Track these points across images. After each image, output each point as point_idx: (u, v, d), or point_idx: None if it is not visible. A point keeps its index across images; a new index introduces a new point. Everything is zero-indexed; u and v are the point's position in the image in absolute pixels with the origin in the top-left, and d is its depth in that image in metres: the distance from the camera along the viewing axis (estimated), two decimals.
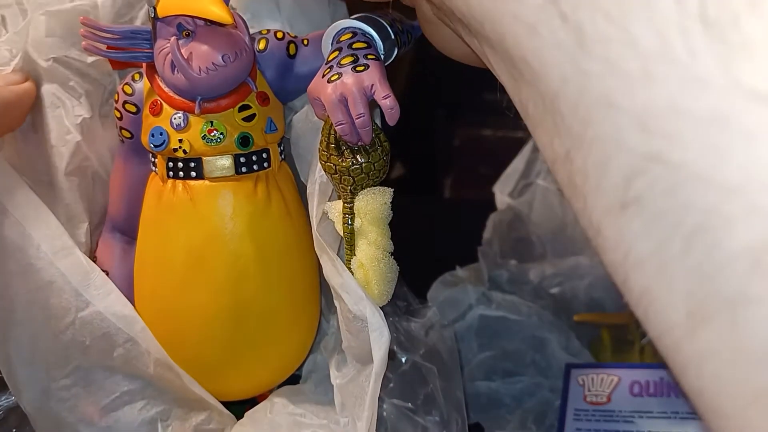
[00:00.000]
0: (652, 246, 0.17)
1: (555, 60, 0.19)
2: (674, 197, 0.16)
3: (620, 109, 0.17)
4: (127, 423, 0.34)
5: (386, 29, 0.32)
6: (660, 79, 0.17)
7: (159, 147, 0.32)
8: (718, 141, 0.16)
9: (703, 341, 0.16)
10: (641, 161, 0.17)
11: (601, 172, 0.18)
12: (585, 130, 0.18)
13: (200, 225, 0.33)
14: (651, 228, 0.17)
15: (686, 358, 0.17)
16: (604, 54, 0.18)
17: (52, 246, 0.32)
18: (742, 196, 0.15)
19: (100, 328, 0.32)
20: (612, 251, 0.18)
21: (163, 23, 0.31)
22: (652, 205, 0.17)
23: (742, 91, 0.16)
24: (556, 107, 0.19)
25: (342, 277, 0.30)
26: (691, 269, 0.16)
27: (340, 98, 0.29)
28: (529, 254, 0.56)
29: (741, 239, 0.15)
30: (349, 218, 0.31)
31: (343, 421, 0.32)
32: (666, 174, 0.17)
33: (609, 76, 0.18)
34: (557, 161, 0.20)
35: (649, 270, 0.17)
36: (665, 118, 0.17)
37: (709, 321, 0.16)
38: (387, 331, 0.30)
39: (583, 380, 0.45)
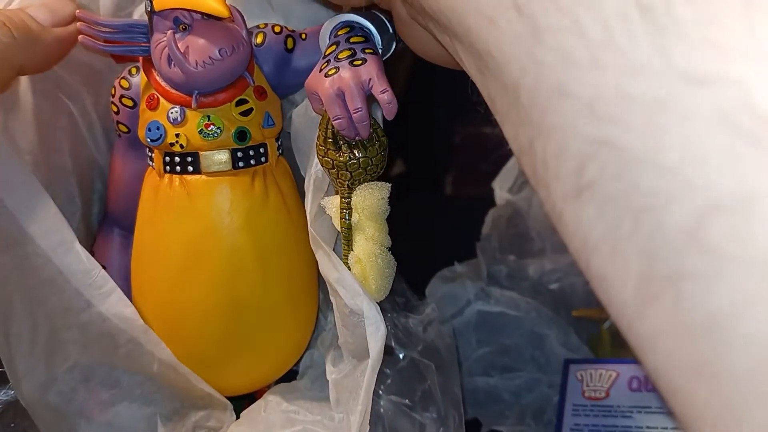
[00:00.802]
0: (604, 229, 0.18)
1: (514, 52, 0.20)
2: (622, 180, 0.17)
3: (572, 97, 0.18)
4: (126, 418, 0.34)
5: (384, 23, 0.32)
6: (605, 66, 0.17)
7: (156, 141, 0.32)
8: (658, 123, 0.16)
9: (653, 319, 0.17)
10: (592, 147, 0.18)
11: (558, 160, 0.19)
12: (543, 119, 0.19)
13: (197, 220, 0.33)
14: (603, 212, 0.18)
15: (640, 338, 0.17)
16: (556, 44, 0.18)
17: (51, 241, 0.31)
18: (679, 175, 0.16)
19: (102, 329, 0.32)
20: (573, 238, 0.19)
21: (159, 17, 0.31)
22: (603, 190, 0.17)
23: (676, 74, 0.16)
24: (518, 99, 0.20)
25: (338, 272, 0.30)
26: (639, 249, 0.17)
27: (337, 92, 0.29)
28: (528, 250, 0.56)
29: (678, 217, 0.16)
30: (347, 213, 0.31)
31: (338, 416, 0.32)
32: (614, 158, 0.17)
33: (561, 66, 0.18)
34: (522, 152, 0.21)
35: (604, 253, 0.18)
36: (612, 104, 0.17)
37: (655, 299, 0.16)
38: (383, 326, 0.30)
39: (582, 375, 0.44)
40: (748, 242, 0.15)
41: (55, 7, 0.32)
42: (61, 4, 0.32)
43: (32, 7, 0.31)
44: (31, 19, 0.31)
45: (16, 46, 0.29)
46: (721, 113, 0.16)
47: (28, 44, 0.30)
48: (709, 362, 0.15)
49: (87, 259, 0.32)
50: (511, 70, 0.20)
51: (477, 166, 0.67)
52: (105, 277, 0.32)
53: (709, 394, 0.16)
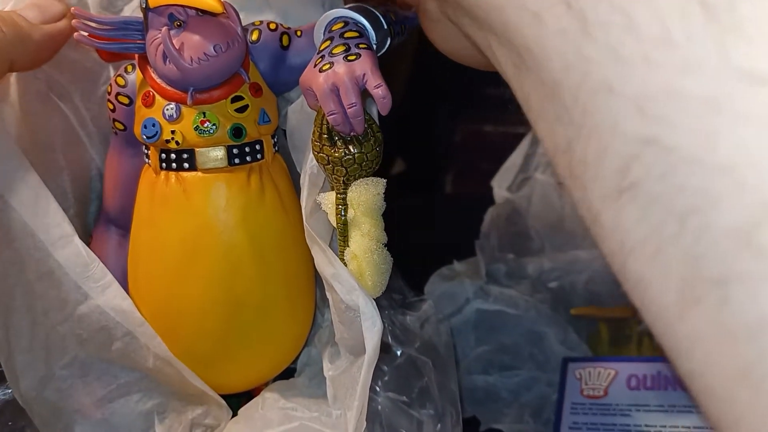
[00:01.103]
0: (646, 230, 0.17)
1: (558, 47, 0.19)
2: (668, 181, 0.17)
3: (619, 95, 0.18)
4: (123, 415, 0.34)
5: (379, 19, 0.32)
6: (658, 64, 0.17)
7: (152, 138, 0.32)
8: (710, 123, 0.16)
9: (694, 322, 0.16)
10: (637, 146, 0.17)
11: (599, 160, 0.18)
12: (585, 118, 0.19)
13: (193, 217, 0.33)
14: (646, 212, 0.17)
15: (678, 341, 0.17)
16: (606, 40, 0.18)
17: (50, 235, 0.31)
18: (731, 175, 0.16)
19: (98, 322, 0.32)
20: (609, 239, 0.19)
21: (154, 13, 0.31)
22: (647, 190, 0.17)
23: (735, 73, 0.16)
24: (557, 96, 0.20)
25: (334, 268, 0.30)
26: (684, 251, 0.16)
27: (331, 88, 0.29)
28: (527, 248, 0.56)
29: (729, 218, 0.16)
30: (342, 209, 0.31)
31: (336, 413, 0.32)
32: (660, 158, 0.17)
33: (609, 62, 0.18)
34: (558, 152, 0.20)
35: (644, 255, 0.17)
36: (661, 103, 0.17)
37: (698, 302, 0.16)
38: (379, 321, 0.30)
39: (580, 374, 0.44)
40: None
41: (44, 5, 0.32)
42: (49, 2, 0.33)
43: (23, 8, 0.32)
44: (21, 17, 0.31)
45: (6, 41, 0.30)
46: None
47: (18, 40, 0.30)
48: (754, 366, 0.15)
49: (86, 253, 0.32)
50: (552, 66, 0.20)
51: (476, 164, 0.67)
52: (103, 270, 0.32)
53: (752, 398, 0.15)
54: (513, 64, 0.22)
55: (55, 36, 0.32)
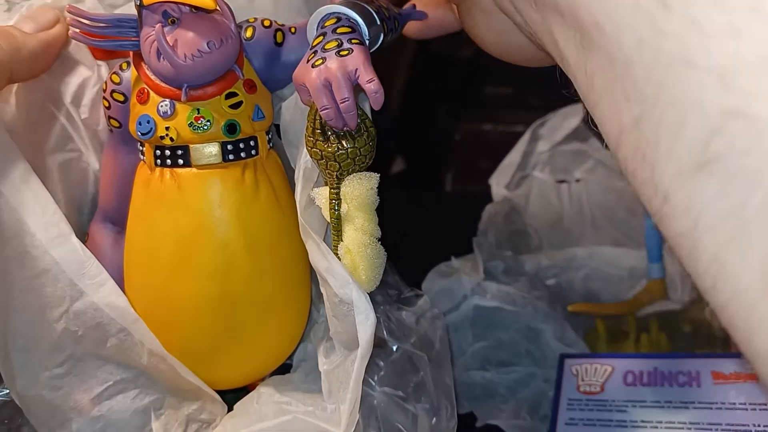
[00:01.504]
0: (727, 207, 0.17)
1: (632, 22, 0.19)
2: (754, 153, 0.16)
3: (699, 68, 0.17)
4: (119, 412, 0.34)
5: (371, 15, 0.32)
6: (747, 34, 0.17)
7: (146, 135, 0.32)
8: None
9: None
10: (720, 118, 0.17)
11: (674, 135, 0.18)
12: (659, 93, 0.18)
13: (188, 213, 0.33)
14: (727, 187, 0.17)
15: (758, 319, 0.16)
16: (688, 13, 0.18)
17: (48, 233, 0.32)
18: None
19: (94, 318, 0.32)
20: (680, 218, 0.18)
21: (148, 11, 0.31)
22: (730, 164, 0.17)
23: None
24: (627, 73, 0.19)
25: (328, 262, 0.30)
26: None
27: (324, 83, 0.29)
28: (525, 246, 0.56)
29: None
30: (336, 204, 0.31)
31: (330, 407, 0.32)
32: (746, 130, 0.16)
33: (691, 35, 0.18)
34: (624, 132, 0.20)
35: (723, 233, 0.17)
36: (748, 74, 0.16)
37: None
38: (373, 315, 0.30)
39: (577, 370, 0.44)
40: None
41: (36, 15, 0.33)
42: (42, 11, 0.33)
43: (16, 21, 0.33)
44: (15, 29, 0.32)
45: (3, 53, 0.30)
46: None
47: (14, 51, 0.31)
48: None
49: (83, 251, 0.32)
50: (623, 41, 0.19)
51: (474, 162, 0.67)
52: (99, 268, 0.32)
53: None
54: (578, 44, 0.21)
55: (50, 42, 0.33)
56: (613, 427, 0.41)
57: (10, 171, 0.32)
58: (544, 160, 0.60)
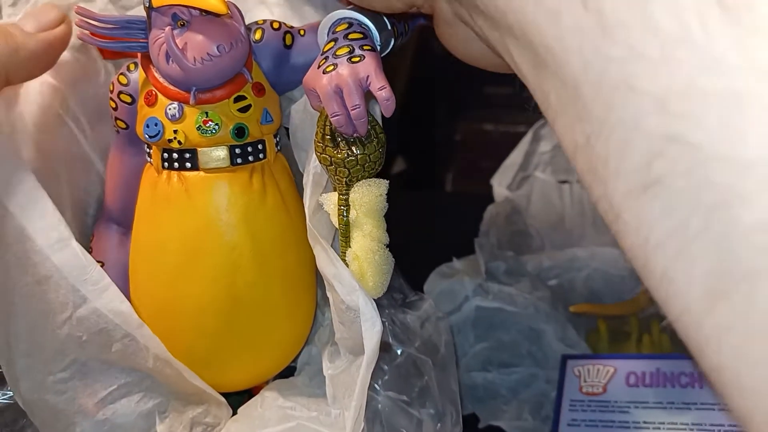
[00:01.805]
0: (671, 226, 0.17)
1: (577, 46, 0.19)
2: (693, 177, 0.17)
3: (640, 93, 0.18)
4: (124, 415, 0.34)
5: (382, 20, 0.31)
6: (678, 62, 0.17)
7: (154, 138, 0.32)
8: (735, 120, 0.16)
9: (722, 316, 0.16)
10: (661, 143, 0.17)
11: (621, 156, 0.19)
12: (606, 114, 0.19)
13: (195, 216, 0.33)
14: (671, 208, 0.17)
15: (705, 335, 0.17)
16: (625, 39, 0.18)
17: (48, 239, 0.31)
18: (758, 171, 0.16)
19: (97, 324, 0.32)
20: (632, 235, 0.19)
21: (158, 13, 0.30)
22: (671, 186, 0.17)
23: (757, 71, 0.16)
24: (578, 94, 0.20)
25: (335, 267, 0.30)
26: (710, 246, 0.17)
27: (335, 89, 0.29)
28: (527, 246, 0.57)
29: (757, 213, 0.16)
30: (345, 210, 0.31)
31: (335, 413, 0.32)
32: (685, 154, 0.17)
33: (630, 61, 0.18)
34: (578, 149, 0.20)
35: (669, 250, 0.18)
36: (684, 100, 0.17)
37: (727, 296, 0.16)
38: (379, 322, 0.30)
39: (579, 371, 0.45)
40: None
41: (38, 13, 0.32)
42: (46, 9, 0.32)
43: (19, 19, 0.32)
44: (15, 27, 0.31)
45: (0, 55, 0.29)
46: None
47: (12, 51, 0.30)
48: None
49: (83, 256, 0.32)
50: (572, 64, 0.20)
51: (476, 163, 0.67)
52: (101, 273, 0.32)
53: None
54: (531, 64, 0.22)
55: (52, 43, 0.32)
56: (616, 428, 0.41)
57: (9, 175, 0.31)
58: (546, 161, 0.60)
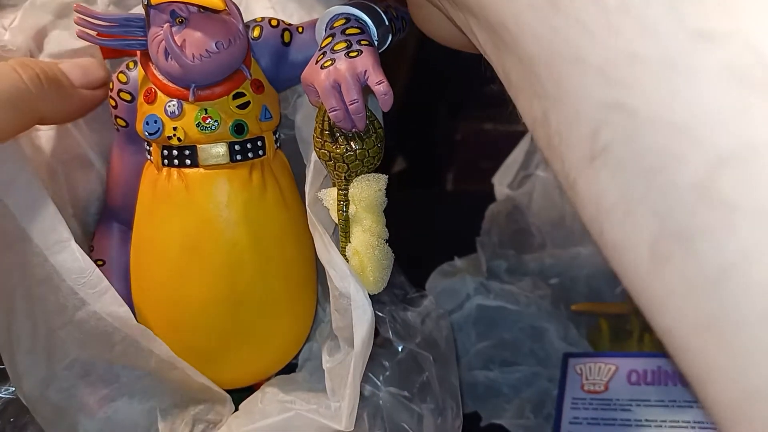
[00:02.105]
0: (618, 194, 0.18)
1: (530, 21, 0.20)
2: (635, 142, 0.17)
3: (586, 64, 0.18)
4: (126, 413, 0.34)
5: (380, 15, 0.32)
6: (619, 31, 0.18)
7: (153, 135, 0.32)
8: (668, 83, 0.17)
9: (665, 279, 0.17)
10: (605, 112, 0.18)
11: (572, 128, 0.19)
12: (557, 88, 0.19)
13: (195, 213, 0.33)
14: (616, 176, 0.18)
15: (652, 299, 0.17)
16: (572, 11, 0.19)
17: (46, 240, 0.31)
18: (689, 132, 0.16)
19: (97, 327, 0.32)
20: (587, 206, 0.19)
21: (156, 10, 0.31)
22: (616, 154, 0.18)
23: (687, 33, 0.17)
24: (533, 69, 0.20)
25: (329, 254, 0.30)
26: (652, 210, 0.17)
27: (333, 84, 0.29)
28: (529, 245, 0.56)
29: (689, 173, 0.16)
30: (344, 205, 0.31)
31: (334, 405, 0.32)
32: (626, 121, 0.17)
33: (576, 33, 0.19)
34: (536, 125, 0.21)
35: (617, 218, 0.18)
36: (623, 68, 0.18)
37: (669, 258, 0.17)
38: (370, 310, 0.30)
39: (581, 369, 0.45)
40: (755, 192, 0.15)
41: (88, 69, 0.33)
42: (94, 67, 0.33)
43: (67, 64, 0.32)
44: (64, 76, 0.31)
45: (43, 97, 0.30)
46: (731, 68, 0.16)
47: (55, 98, 0.31)
48: (719, 316, 0.16)
49: (82, 258, 0.32)
50: (526, 40, 0.20)
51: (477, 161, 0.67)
52: (99, 276, 0.32)
53: (718, 348, 0.16)
54: (492, 43, 0.22)
55: (90, 102, 0.33)
56: (618, 426, 0.41)
57: (11, 176, 0.31)
58: None
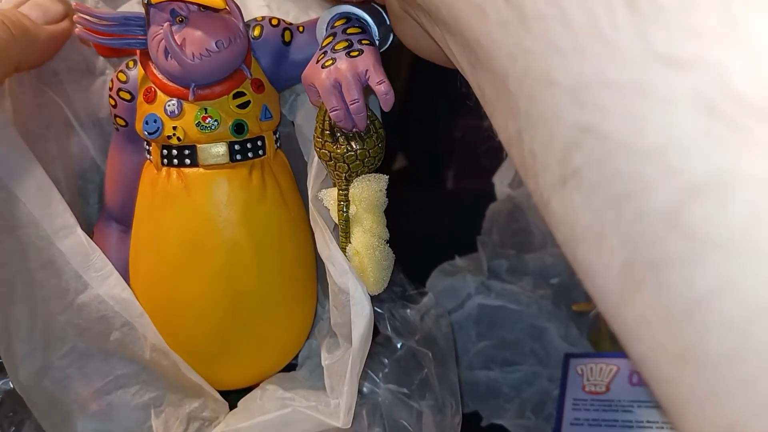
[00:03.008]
0: (590, 218, 0.18)
1: (502, 40, 0.20)
2: (605, 167, 0.17)
3: (557, 85, 0.18)
4: (120, 407, 0.34)
5: (381, 14, 0.32)
6: (589, 54, 0.18)
7: (153, 134, 0.32)
8: (638, 109, 0.17)
9: (637, 308, 0.17)
10: (577, 135, 0.18)
11: (545, 150, 0.19)
12: (530, 108, 0.19)
13: (195, 213, 0.33)
14: (588, 200, 0.18)
15: (626, 327, 0.17)
16: (543, 32, 0.19)
17: (53, 225, 0.32)
18: (658, 159, 0.16)
19: (98, 311, 0.32)
20: (560, 228, 0.19)
21: (156, 9, 0.31)
22: (588, 178, 0.18)
23: (656, 59, 0.16)
24: (506, 88, 0.20)
25: (329, 250, 0.31)
26: (622, 237, 0.17)
27: (334, 84, 0.29)
28: (529, 244, 0.56)
29: (659, 202, 0.16)
30: (345, 205, 0.31)
31: (333, 402, 0.32)
32: (597, 145, 0.17)
33: (547, 54, 0.18)
34: (511, 143, 0.21)
35: (589, 242, 0.18)
36: (594, 91, 0.17)
37: (639, 287, 0.16)
38: (369, 306, 0.30)
39: (582, 370, 0.44)
40: (725, 225, 0.15)
41: (47, 6, 0.33)
42: (52, 3, 0.34)
43: (26, 6, 0.33)
44: (26, 18, 0.32)
45: (14, 42, 0.31)
46: (699, 96, 0.16)
47: (24, 41, 0.31)
48: (692, 348, 0.15)
49: (88, 243, 0.32)
50: (500, 58, 0.20)
51: (478, 160, 0.67)
52: (104, 260, 0.32)
53: (693, 380, 0.16)
54: (467, 59, 0.22)
55: (58, 36, 0.33)
56: (619, 428, 0.41)
57: (16, 163, 0.32)
58: None
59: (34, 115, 0.35)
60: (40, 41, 0.32)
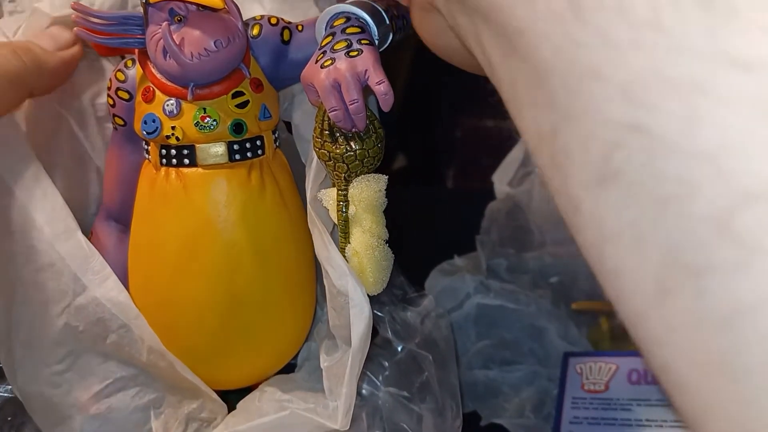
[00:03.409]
0: (627, 219, 0.17)
1: (550, 31, 0.19)
2: (650, 167, 0.17)
3: (606, 80, 0.18)
4: (119, 410, 0.34)
5: (381, 14, 0.31)
6: (647, 48, 0.17)
7: (152, 134, 0.32)
8: (694, 108, 0.16)
9: (670, 312, 0.16)
10: (621, 133, 0.17)
11: (583, 147, 0.18)
12: (572, 103, 0.19)
13: (193, 213, 0.33)
14: (627, 200, 0.17)
15: (653, 331, 0.17)
16: (598, 23, 0.18)
17: (54, 228, 0.32)
18: (710, 162, 0.16)
19: (95, 314, 0.32)
20: (588, 228, 0.18)
21: (155, 8, 0.30)
22: (629, 177, 0.17)
23: (724, 59, 0.16)
24: (547, 81, 0.19)
25: (328, 252, 0.31)
26: (662, 240, 0.16)
27: (333, 84, 0.29)
28: (529, 243, 0.56)
29: (707, 206, 0.15)
30: (344, 206, 0.31)
31: (332, 405, 0.32)
32: (644, 144, 0.17)
33: (599, 47, 0.18)
34: (542, 139, 0.20)
35: (623, 243, 0.17)
36: (647, 88, 0.17)
37: (675, 291, 0.16)
38: (368, 308, 0.30)
39: (581, 368, 0.44)
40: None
41: (56, 34, 0.35)
42: (60, 31, 0.35)
43: (36, 36, 0.34)
44: (37, 46, 0.33)
45: (26, 70, 0.32)
46: (763, 99, 0.15)
47: (36, 69, 0.33)
48: (728, 357, 0.15)
49: (87, 247, 0.33)
50: (544, 49, 0.19)
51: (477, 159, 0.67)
52: (102, 263, 0.33)
53: (724, 389, 0.15)
54: (502, 50, 0.22)
55: (68, 62, 0.35)
56: (618, 426, 0.41)
57: (20, 167, 0.32)
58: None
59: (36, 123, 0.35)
60: (50, 67, 0.33)
